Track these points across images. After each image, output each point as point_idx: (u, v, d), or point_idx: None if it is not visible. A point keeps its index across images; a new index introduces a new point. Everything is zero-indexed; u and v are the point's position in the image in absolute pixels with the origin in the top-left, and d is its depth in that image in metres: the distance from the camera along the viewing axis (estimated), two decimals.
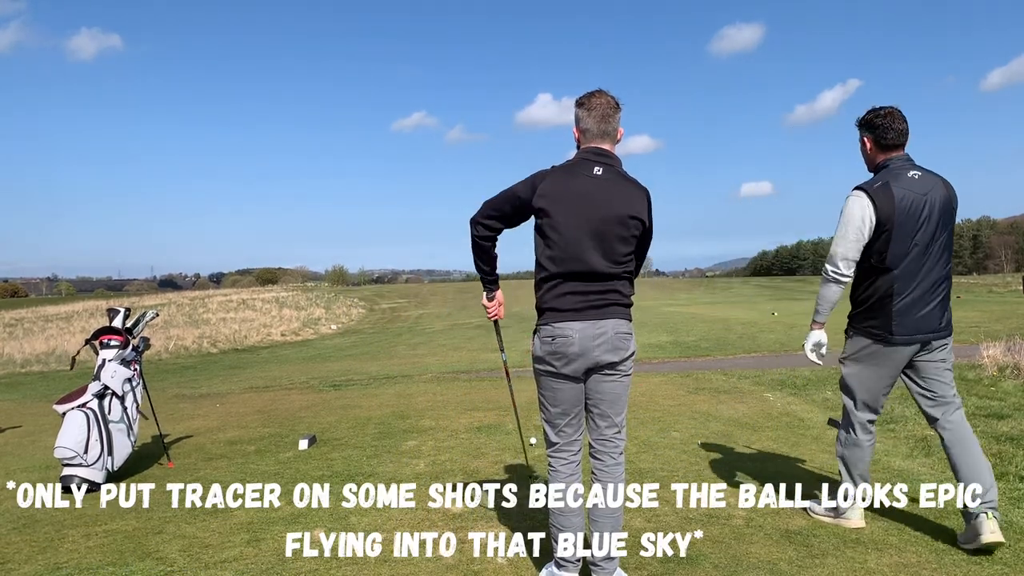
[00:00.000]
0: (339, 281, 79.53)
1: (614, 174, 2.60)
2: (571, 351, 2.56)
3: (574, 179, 2.59)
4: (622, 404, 2.68)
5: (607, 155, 2.63)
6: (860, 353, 3.13)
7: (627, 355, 2.62)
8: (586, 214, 2.53)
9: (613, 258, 2.55)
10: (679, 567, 2.82)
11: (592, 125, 2.64)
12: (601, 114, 2.62)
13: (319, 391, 8.70)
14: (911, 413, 5.37)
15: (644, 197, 2.60)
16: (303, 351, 19.89)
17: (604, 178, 2.58)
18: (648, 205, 2.60)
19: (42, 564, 3.09)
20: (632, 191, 2.58)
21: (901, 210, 2.86)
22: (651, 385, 7.45)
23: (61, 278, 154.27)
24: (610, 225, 2.53)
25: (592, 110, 2.63)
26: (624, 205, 2.54)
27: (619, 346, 2.58)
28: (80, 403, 4.38)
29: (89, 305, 39.57)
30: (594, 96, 2.66)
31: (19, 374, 17.29)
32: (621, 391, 2.66)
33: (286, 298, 40.52)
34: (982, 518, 2.81)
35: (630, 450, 4.64)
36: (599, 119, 2.63)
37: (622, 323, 2.59)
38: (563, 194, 2.57)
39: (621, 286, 2.60)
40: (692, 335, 13.99)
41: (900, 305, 2.94)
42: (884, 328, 2.99)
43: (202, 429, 6.26)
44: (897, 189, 2.88)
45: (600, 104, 2.63)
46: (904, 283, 2.93)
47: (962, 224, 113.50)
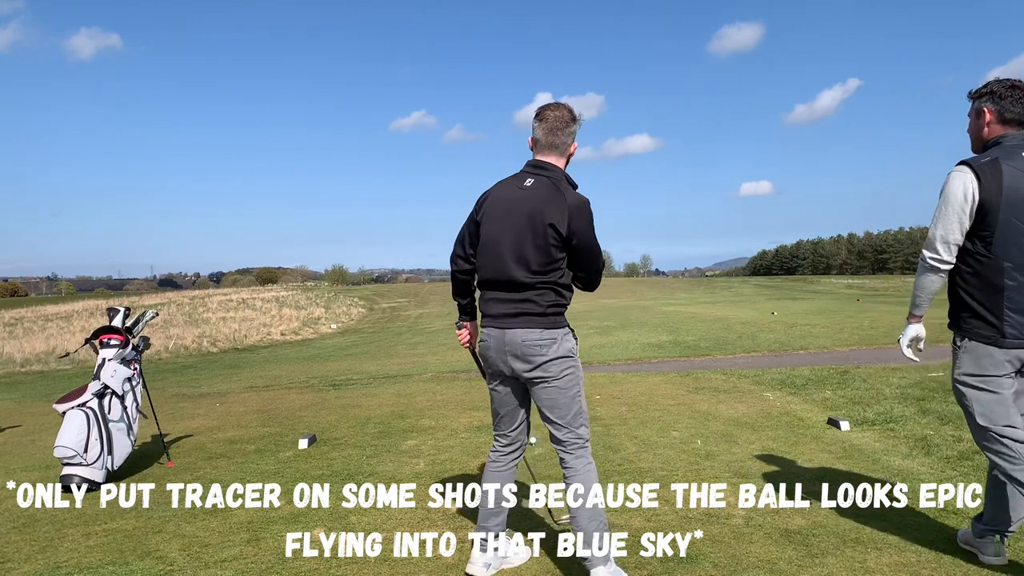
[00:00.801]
0: (339, 280, 79.62)
1: (544, 184, 2.63)
2: (489, 356, 2.74)
3: (505, 191, 2.71)
4: (563, 409, 2.69)
5: (544, 167, 2.68)
6: (976, 365, 2.73)
7: (542, 362, 2.63)
8: (507, 225, 2.63)
9: (531, 267, 2.59)
10: (679, 567, 2.82)
11: (541, 136, 2.71)
12: (550, 127, 2.69)
13: (319, 390, 8.70)
14: (911, 413, 5.38)
15: (567, 207, 2.57)
16: (303, 350, 19.90)
17: (532, 188, 2.64)
18: (571, 214, 2.56)
19: (42, 563, 3.09)
20: (555, 200, 2.59)
21: (1011, 189, 2.52)
22: (651, 385, 7.45)
23: (61, 277, 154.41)
24: (527, 234, 2.58)
25: (543, 122, 2.71)
26: (541, 214, 2.57)
27: (528, 354, 2.62)
28: (80, 402, 4.38)
29: (89, 304, 39.59)
30: (549, 109, 2.73)
31: (19, 373, 17.30)
32: (556, 396, 2.67)
33: (286, 298, 40.54)
34: (1005, 542, 2.76)
35: (629, 449, 4.64)
36: (547, 131, 2.69)
37: (533, 332, 2.61)
38: (492, 206, 2.71)
39: (539, 295, 2.62)
40: (692, 335, 13.99)
41: (1013, 300, 2.58)
42: (994, 327, 2.63)
43: (202, 428, 6.26)
44: (1007, 167, 2.55)
45: (551, 117, 2.69)
46: (1016, 274, 2.56)
47: None
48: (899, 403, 5.78)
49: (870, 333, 12.54)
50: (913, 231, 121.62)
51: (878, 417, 5.30)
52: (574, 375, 2.68)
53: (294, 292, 46.33)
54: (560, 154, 2.71)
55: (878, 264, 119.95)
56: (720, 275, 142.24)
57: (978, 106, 2.75)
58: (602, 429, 5.26)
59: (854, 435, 4.85)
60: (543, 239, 2.56)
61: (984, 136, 2.73)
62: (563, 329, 2.66)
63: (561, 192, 2.60)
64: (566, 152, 2.72)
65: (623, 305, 31.61)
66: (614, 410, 6.01)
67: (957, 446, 4.38)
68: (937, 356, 8.83)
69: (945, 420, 5.09)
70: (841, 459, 4.26)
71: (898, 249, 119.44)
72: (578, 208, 2.58)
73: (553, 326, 2.63)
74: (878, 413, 5.43)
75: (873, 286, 51.65)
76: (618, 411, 5.97)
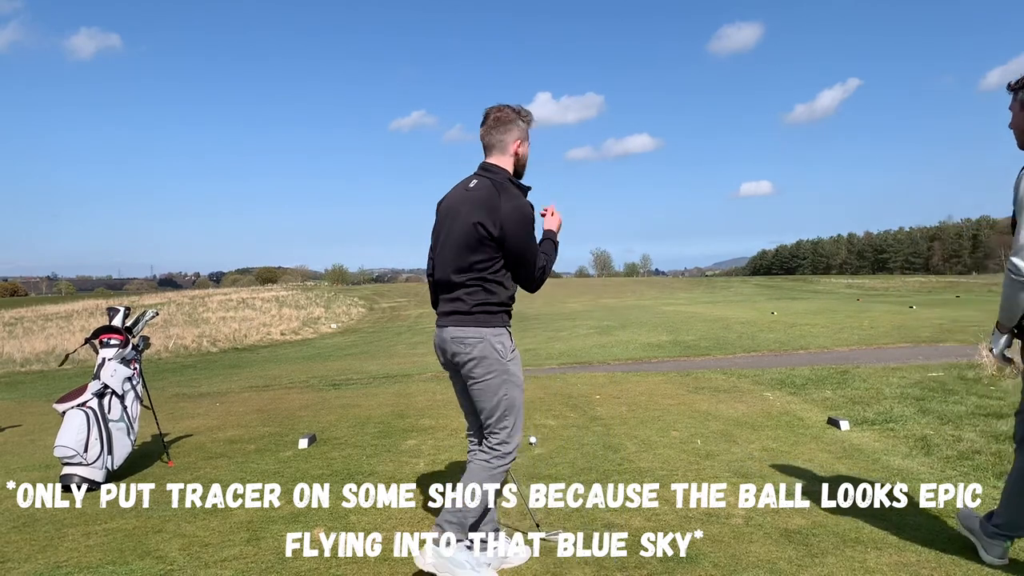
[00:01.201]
0: (339, 280, 79.67)
1: (486, 186, 2.68)
2: (436, 354, 2.86)
3: (453, 192, 2.82)
4: (488, 409, 2.71)
5: (488, 168, 2.75)
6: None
7: (466, 360, 2.66)
8: (446, 226, 2.74)
9: (461, 266, 2.66)
10: (679, 566, 2.82)
11: (482, 137, 2.80)
12: (488, 127, 2.77)
13: (319, 390, 8.70)
14: (911, 413, 5.38)
15: (498, 207, 2.60)
16: (303, 350, 19.90)
17: (474, 189, 2.70)
18: (504, 216, 2.59)
19: (42, 563, 3.09)
20: (490, 201, 2.62)
21: None
22: (651, 384, 7.45)
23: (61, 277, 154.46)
24: (458, 234, 2.66)
25: (484, 123, 2.79)
26: (471, 213, 2.63)
27: (455, 351, 2.68)
28: (80, 402, 4.38)
29: (89, 304, 39.60)
30: (491, 109, 2.79)
31: (19, 373, 17.30)
32: (480, 395, 2.70)
33: (286, 297, 40.54)
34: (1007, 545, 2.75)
35: (629, 449, 4.64)
36: (486, 131, 2.78)
37: (458, 330, 2.67)
38: (441, 209, 2.84)
39: (467, 294, 2.66)
40: (692, 334, 13.99)
41: None
42: None
43: (202, 428, 6.26)
44: None
45: (491, 117, 2.77)
46: None
47: (962, 224, 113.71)
48: (899, 403, 5.78)
49: (870, 333, 12.54)
50: (913, 231, 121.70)
51: (878, 417, 5.30)
52: (499, 377, 2.67)
53: (294, 292, 46.34)
54: (501, 153, 2.76)
55: (878, 264, 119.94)
56: (720, 275, 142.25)
57: (1020, 99, 2.57)
58: (602, 429, 5.26)
59: (854, 435, 4.85)
60: (474, 239, 2.62)
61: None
62: (493, 329, 2.67)
63: (499, 193, 2.64)
64: (507, 151, 2.76)
65: (623, 305, 31.62)
66: (614, 410, 6.01)
67: (957, 446, 4.38)
68: (936, 356, 8.84)
69: (945, 420, 5.10)
70: (841, 459, 4.26)
71: (898, 249, 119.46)
72: (512, 211, 2.61)
73: (480, 324, 2.66)
74: (878, 413, 5.43)
75: (873, 286, 51.66)
76: (618, 411, 5.97)
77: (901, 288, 47.63)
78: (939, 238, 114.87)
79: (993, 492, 3.50)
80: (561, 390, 7.34)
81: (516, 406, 2.72)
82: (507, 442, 2.72)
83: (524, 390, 2.80)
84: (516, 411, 2.73)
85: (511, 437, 2.73)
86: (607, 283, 68.05)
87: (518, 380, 2.73)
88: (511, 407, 2.70)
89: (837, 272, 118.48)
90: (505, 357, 2.68)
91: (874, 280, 65.69)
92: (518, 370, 2.74)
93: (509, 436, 2.72)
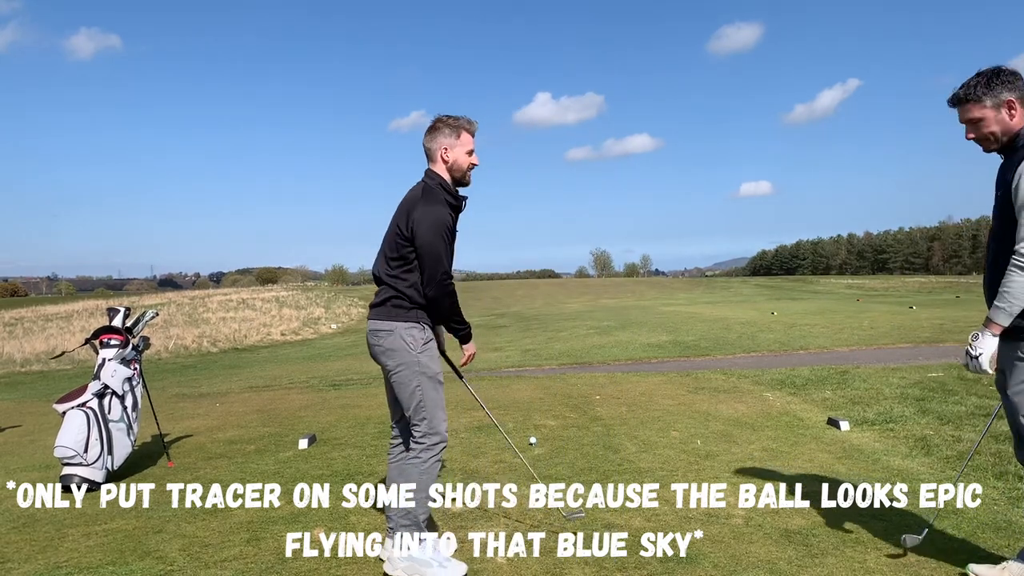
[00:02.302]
0: (339, 280, 79.67)
1: (418, 188, 2.85)
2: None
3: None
4: (405, 401, 2.80)
5: (428, 173, 2.89)
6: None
7: (379, 352, 2.80)
8: (387, 228, 2.89)
9: (386, 263, 2.83)
10: (679, 567, 2.82)
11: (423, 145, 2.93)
12: (425, 136, 2.91)
13: (319, 390, 8.70)
14: (911, 413, 5.38)
15: (414, 210, 2.74)
16: (303, 350, 19.90)
17: (410, 192, 2.87)
18: (416, 218, 2.72)
19: (42, 563, 3.09)
20: (411, 202, 2.80)
21: None
22: (651, 385, 7.45)
23: (61, 277, 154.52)
24: (388, 234, 2.85)
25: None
26: (397, 215, 2.82)
27: (371, 343, 2.84)
28: (80, 402, 4.38)
29: (89, 304, 39.58)
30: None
31: (19, 373, 17.31)
32: (396, 389, 2.81)
33: (286, 298, 40.52)
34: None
35: (629, 449, 4.64)
36: (424, 140, 2.91)
37: (375, 323, 2.83)
38: None
39: (384, 289, 2.83)
40: (691, 335, 13.99)
41: None
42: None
43: (202, 428, 6.26)
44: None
45: (426, 128, 2.91)
46: None
47: (962, 224, 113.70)
48: (899, 403, 5.78)
49: (870, 333, 12.54)
50: (913, 231, 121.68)
51: (878, 417, 5.30)
52: (410, 370, 2.76)
53: (294, 292, 46.32)
54: (432, 160, 2.90)
55: (878, 264, 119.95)
56: (720, 275, 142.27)
57: (1002, 100, 2.49)
58: (602, 429, 5.26)
59: (854, 435, 4.85)
60: (394, 238, 2.79)
61: (1013, 129, 2.51)
62: (405, 323, 2.76)
63: (421, 197, 2.78)
64: (435, 157, 2.88)
65: (623, 305, 31.62)
66: (614, 410, 6.01)
67: (957, 446, 4.38)
68: (936, 356, 8.84)
69: (945, 420, 5.10)
70: (841, 459, 4.26)
71: (898, 249, 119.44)
72: (423, 215, 2.72)
73: (391, 318, 2.78)
74: (878, 413, 5.43)
75: (873, 286, 51.65)
76: (618, 411, 5.96)
77: (901, 288, 47.63)
78: (939, 238, 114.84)
79: (993, 492, 3.51)
80: (561, 390, 7.34)
81: (430, 397, 2.78)
82: (430, 433, 2.78)
83: (443, 382, 2.85)
84: (432, 402, 2.78)
85: (432, 427, 2.78)
86: (607, 283, 68.01)
87: (430, 371, 2.79)
88: (424, 398, 2.77)
89: (837, 272, 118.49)
90: (415, 349, 2.76)
91: (874, 280, 65.70)
92: (431, 362, 2.80)
93: (430, 427, 2.78)
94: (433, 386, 2.79)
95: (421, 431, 2.77)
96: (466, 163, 2.88)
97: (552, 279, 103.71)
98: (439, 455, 2.80)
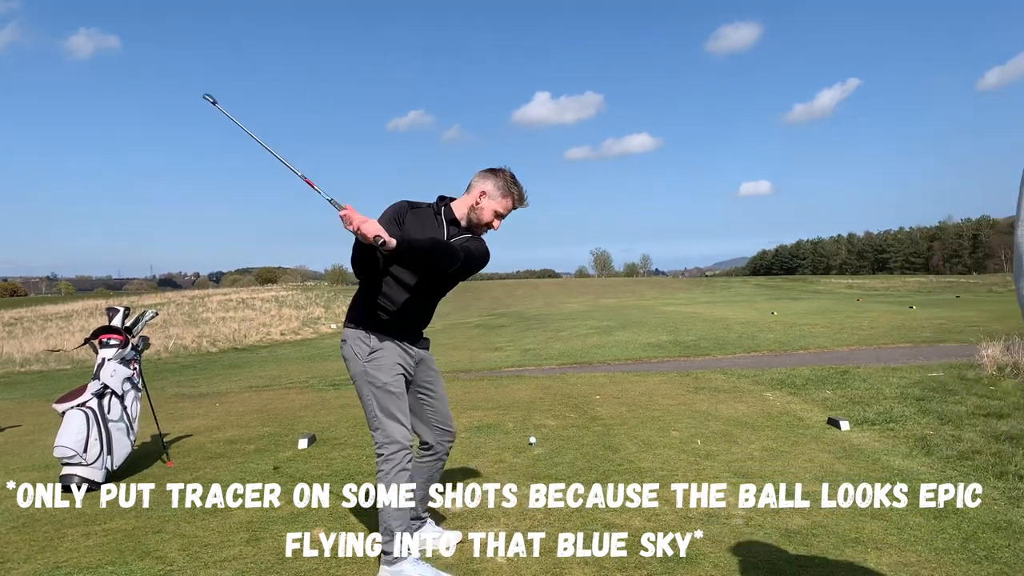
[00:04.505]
0: (339, 280, 79.58)
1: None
2: None
3: None
4: (364, 412, 2.80)
5: (439, 199, 2.92)
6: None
7: (344, 359, 2.82)
8: None
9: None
10: (679, 567, 2.82)
11: None
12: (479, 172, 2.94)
13: (319, 390, 8.70)
14: (911, 413, 5.38)
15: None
16: (302, 350, 19.89)
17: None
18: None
19: (41, 563, 3.08)
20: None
21: None
22: (651, 384, 7.45)
23: (60, 277, 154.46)
24: None
25: None
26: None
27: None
28: (79, 402, 4.38)
29: (88, 304, 39.58)
30: None
31: (19, 373, 17.30)
32: (358, 395, 2.82)
33: (285, 297, 40.53)
34: None
35: (629, 449, 4.64)
36: (475, 175, 2.94)
37: (343, 331, 2.89)
38: None
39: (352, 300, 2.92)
40: (691, 334, 13.99)
41: None
42: None
43: (202, 428, 6.26)
44: None
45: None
46: None
47: (962, 224, 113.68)
48: (899, 403, 5.78)
49: (870, 333, 12.54)
50: (913, 231, 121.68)
51: (878, 417, 5.30)
52: (360, 379, 2.77)
53: (294, 292, 46.33)
54: (467, 190, 2.91)
55: (878, 264, 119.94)
56: (720, 275, 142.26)
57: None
58: (602, 429, 5.26)
59: (854, 435, 4.85)
60: None
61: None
62: (356, 331, 2.79)
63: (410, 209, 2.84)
64: (471, 192, 2.88)
65: (623, 305, 31.62)
66: (614, 410, 6.01)
67: (957, 446, 4.38)
68: (936, 356, 8.84)
69: (945, 420, 5.10)
70: (841, 459, 4.26)
71: (898, 249, 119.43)
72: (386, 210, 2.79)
73: (346, 326, 2.84)
74: (878, 413, 5.43)
75: (873, 286, 51.66)
76: (618, 411, 5.96)
77: (901, 288, 47.64)
78: (939, 238, 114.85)
79: (993, 492, 3.51)
80: (561, 390, 7.34)
81: (381, 407, 2.71)
82: (386, 443, 2.71)
83: (398, 390, 2.76)
84: (384, 411, 2.71)
85: (388, 436, 2.71)
86: (607, 283, 68.03)
87: (378, 382, 2.72)
88: (374, 408, 2.73)
89: (837, 272, 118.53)
90: (361, 358, 2.75)
91: (874, 280, 65.71)
92: (378, 372, 2.72)
93: (385, 436, 2.71)
94: (383, 395, 2.72)
95: (378, 441, 2.73)
96: (489, 219, 2.84)
97: (552, 279, 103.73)
98: (402, 463, 2.70)
